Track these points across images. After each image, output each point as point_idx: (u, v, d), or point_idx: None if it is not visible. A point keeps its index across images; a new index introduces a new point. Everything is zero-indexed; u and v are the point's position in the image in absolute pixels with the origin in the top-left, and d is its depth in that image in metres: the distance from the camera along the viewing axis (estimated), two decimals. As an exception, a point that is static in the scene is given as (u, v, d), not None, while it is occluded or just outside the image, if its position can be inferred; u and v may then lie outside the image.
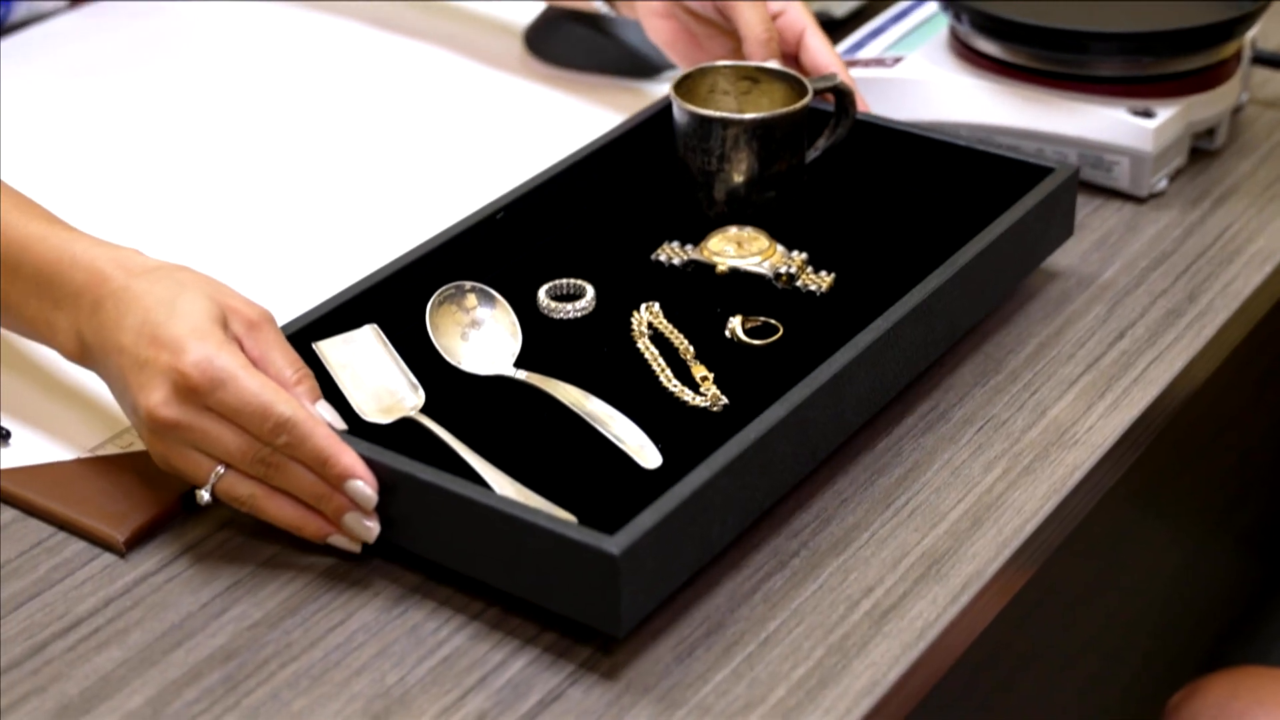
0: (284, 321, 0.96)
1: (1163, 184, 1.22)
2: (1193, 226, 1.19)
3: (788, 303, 1.05)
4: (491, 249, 1.08)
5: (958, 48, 1.27)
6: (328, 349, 0.97)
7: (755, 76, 1.15)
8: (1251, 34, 1.27)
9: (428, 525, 0.87)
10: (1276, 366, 1.58)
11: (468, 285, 1.02)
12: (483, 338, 1.01)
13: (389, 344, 0.99)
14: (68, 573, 0.90)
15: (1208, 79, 1.22)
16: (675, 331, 1.03)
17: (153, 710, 0.82)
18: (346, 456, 0.87)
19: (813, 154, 1.15)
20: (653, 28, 1.24)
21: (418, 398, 0.96)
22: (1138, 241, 1.17)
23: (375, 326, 0.99)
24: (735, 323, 1.03)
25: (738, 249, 1.08)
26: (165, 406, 0.86)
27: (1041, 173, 1.10)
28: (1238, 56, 1.25)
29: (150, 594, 0.89)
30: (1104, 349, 1.07)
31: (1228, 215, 1.20)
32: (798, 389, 0.91)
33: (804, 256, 1.08)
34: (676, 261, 1.09)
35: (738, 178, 1.11)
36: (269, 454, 0.87)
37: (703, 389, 0.98)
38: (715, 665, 0.85)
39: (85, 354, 0.92)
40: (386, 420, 0.94)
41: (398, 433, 0.93)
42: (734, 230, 1.09)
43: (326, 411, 0.89)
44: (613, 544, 0.81)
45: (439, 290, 1.01)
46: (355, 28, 1.45)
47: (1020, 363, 1.06)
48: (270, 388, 0.86)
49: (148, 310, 0.88)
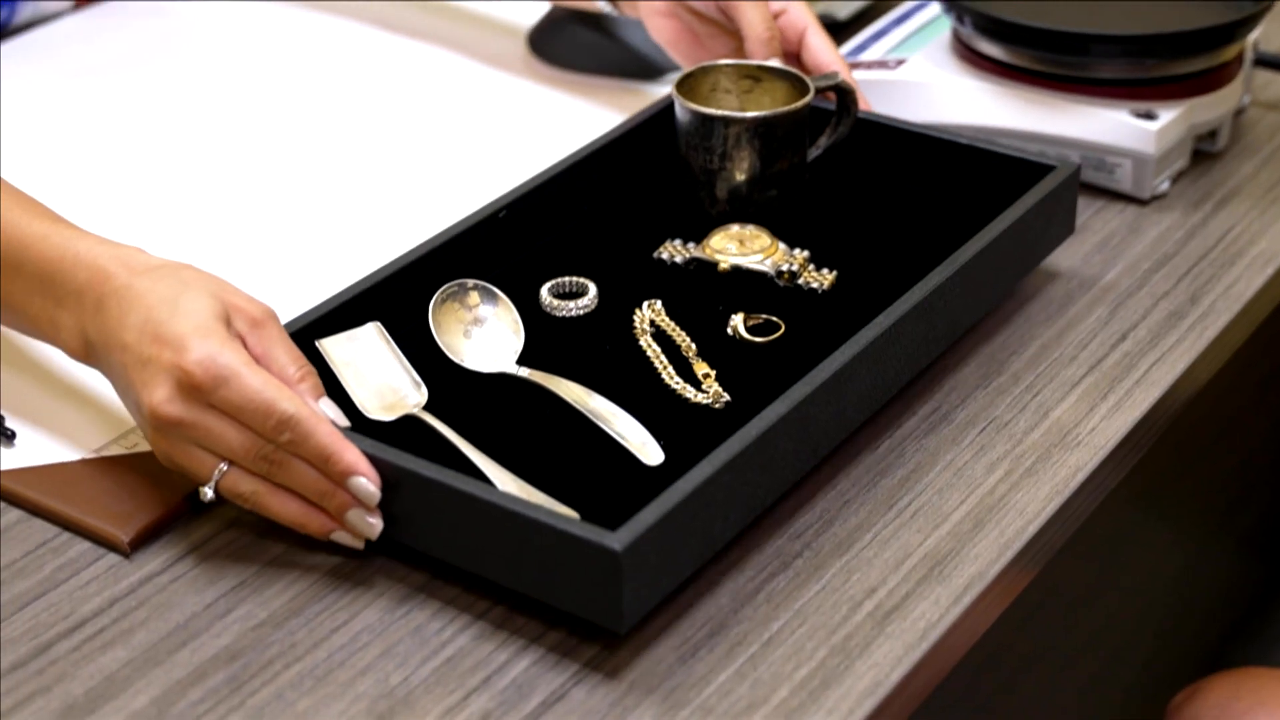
0: (287, 319, 0.96)
1: (1165, 186, 1.22)
2: (1195, 229, 1.19)
3: (789, 300, 1.06)
4: (494, 247, 1.08)
5: (960, 50, 1.27)
6: (331, 346, 0.97)
7: (757, 75, 1.15)
8: (1253, 36, 1.27)
9: (430, 522, 0.87)
10: (1278, 368, 1.58)
11: (470, 283, 1.02)
12: (485, 335, 1.01)
13: (392, 341, 0.99)
14: (73, 573, 0.90)
15: (1210, 81, 1.22)
16: (677, 329, 1.03)
17: (157, 710, 0.82)
18: (349, 453, 0.87)
19: (814, 152, 1.15)
20: (655, 27, 1.24)
21: (420, 395, 0.96)
22: (1140, 243, 1.18)
23: (378, 324, 0.99)
24: (737, 320, 1.03)
25: (740, 247, 1.08)
26: (168, 404, 0.87)
27: (1042, 171, 1.10)
28: (1240, 59, 1.25)
29: (155, 594, 0.89)
30: (1106, 351, 1.07)
31: (1230, 217, 1.20)
32: (799, 386, 0.91)
33: (806, 254, 1.08)
34: (679, 259, 1.09)
35: (740, 176, 1.11)
36: (272, 451, 0.87)
37: (705, 386, 0.98)
38: (718, 666, 0.85)
39: (89, 352, 0.92)
40: (389, 418, 0.94)
41: (400, 430, 0.93)
42: (736, 228, 1.10)
43: (329, 409, 0.90)
44: (615, 540, 0.81)
45: (442, 288, 1.01)
46: (359, 29, 1.45)
47: (1022, 364, 1.06)
48: (273, 385, 0.86)
49: (151, 308, 0.88)
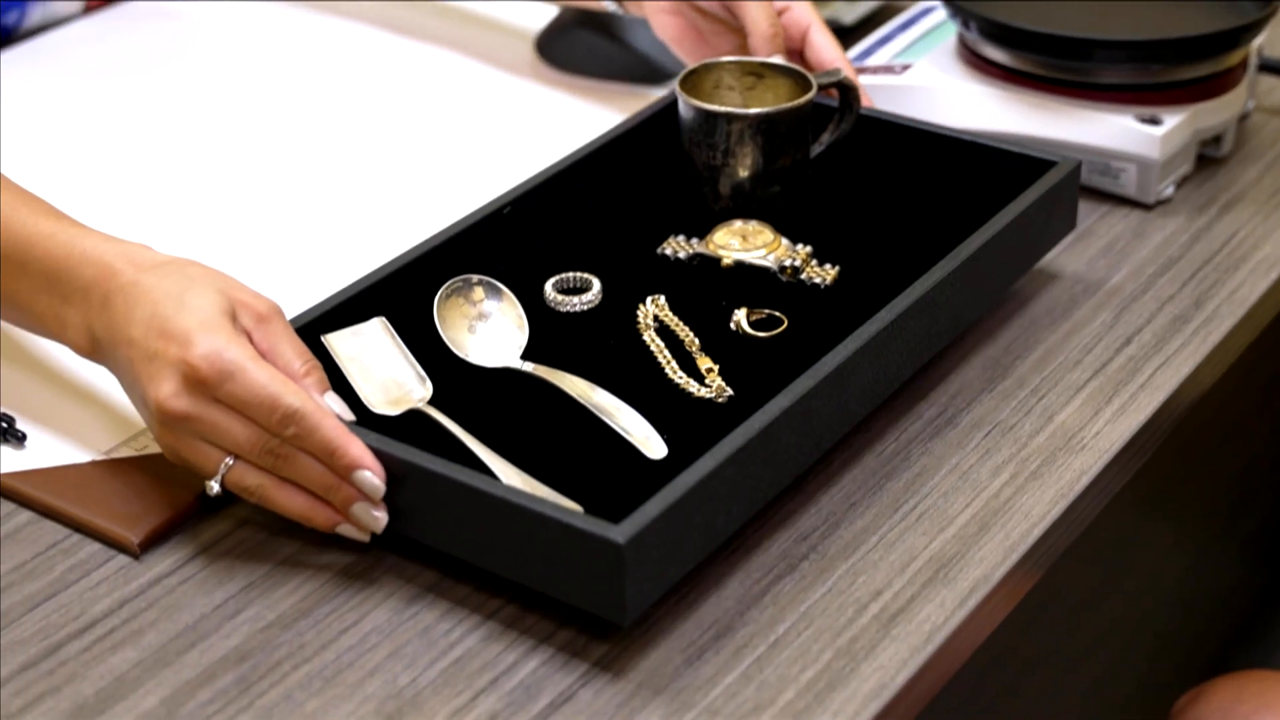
0: (294, 314, 0.97)
1: (1169, 191, 1.22)
2: (1199, 233, 1.19)
3: (792, 295, 1.06)
4: (499, 243, 1.08)
5: (966, 55, 1.27)
6: (336, 341, 0.98)
7: (760, 72, 1.16)
8: (1258, 42, 1.28)
9: (435, 515, 0.88)
10: (1282, 372, 1.58)
11: (475, 278, 1.02)
12: (490, 330, 1.01)
13: (397, 336, 0.99)
14: (83, 574, 0.91)
15: (1214, 86, 1.22)
16: (681, 324, 1.03)
17: (167, 711, 0.83)
18: (354, 447, 0.87)
19: (817, 148, 1.16)
20: (660, 24, 1.24)
21: (425, 389, 0.96)
22: (1144, 248, 1.18)
23: (383, 319, 1.00)
24: (740, 315, 1.03)
25: (743, 242, 1.08)
26: (175, 399, 0.87)
27: (1044, 167, 1.11)
28: (1244, 64, 1.26)
29: (164, 595, 0.89)
30: (1111, 355, 1.07)
31: (1234, 222, 1.21)
32: (802, 380, 0.91)
33: (808, 250, 1.08)
34: (682, 255, 1.09)
35: (743, 172, 1.11)
36: (278, 445, 0.87)
37: (708, 380, 0.98)
38: (724, 668, 0.85)
39: (95, 349, 0.92)
40: (394, 412, 0.94)
41: (406, 424, 0.94)
42: (739, 224, 1.10)
43: (335, 403, 0.90)
44: (618, 533, 0.81)
45: (446, 283, 1.01)
46: (368, 31, 1.45)
47: (1027, 368, 1.06)
48: (279, 379, 0.87)
49: (156, 304, 0.88)
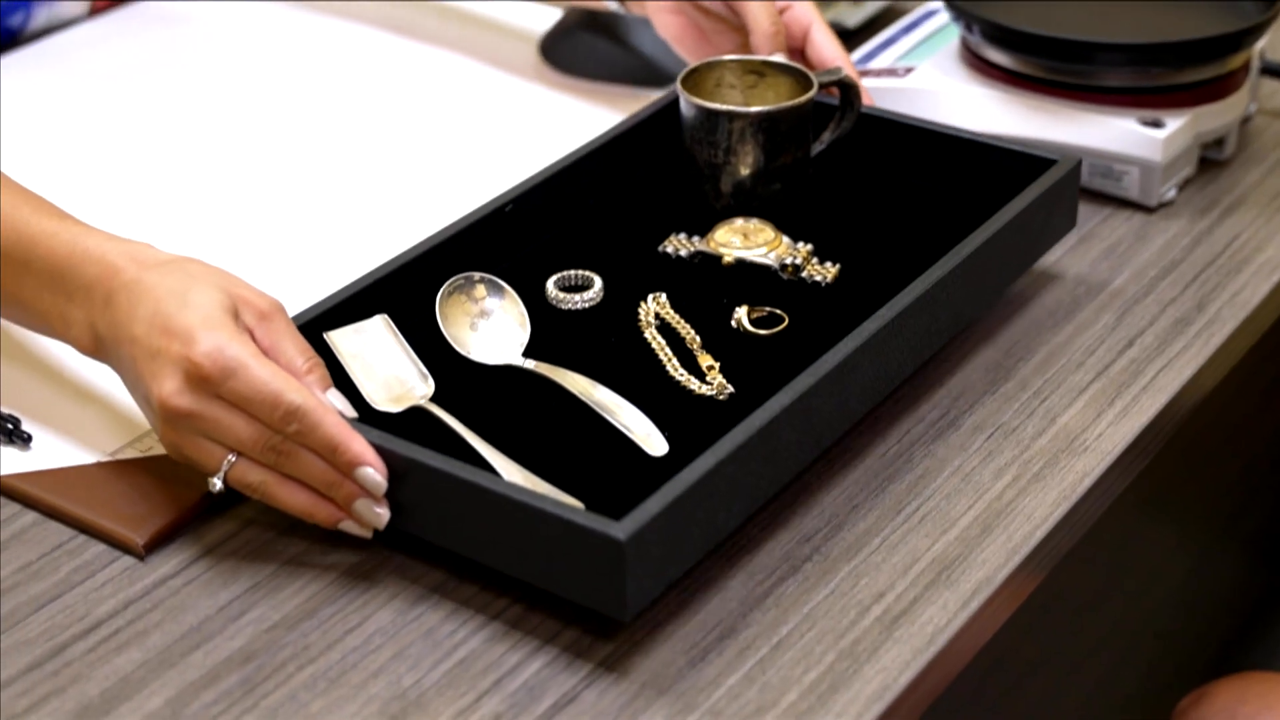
0: (297, 312, 0.97)
1: (1171, 194, 1.23)
2: (1201, 236, 1.20)
3: (793, 293, 1.06)
4: (501, 241, 1.08)
5: (969, 58, 1.27)
6: (339, 339, 0.98)
7: (761, 70, 1.16)
8: (1260, 45, 1.28)
9: (437, 512, 0.88)
10: (1284, 374, 1.59)
11: (477, 276, 1.02)
12: (492, 328, 1.01)
13: (399, 334, 0.99)
14: (88, 575, 0.91)
15: (1217, 90, 1.23)
16: (682, 321, 1.03)
17: (172, 711, 0.83)
18: (356, 444, 0.87)
19: (818, 147, 1.16)
20: (661, 23, 1.25)
21: (427, 387, 0.96)
22: (1147, 250, 1.18)
23: (385, 317, 1.00)
24: (741, 313, 1.03)
25: (744, 240, 1.08)
26: (177, 396, 0.87)
27: (1044, 165, 1.11)
28: (1246, 67, 1.26)
29: (169, 596, 0.90)
30: (1113, 357, 1.08)
31: (1236, 225, 1.21)
32: (802, 377, 0.91)
33: (809, 248, 1.08)
34: (683, 253, 1.09)
35: (744, 170, 1.11)
36: (280, 442, 0.87)
37: (709, 378, 0.98)
38: (727, 669, 0.85)
39: (99, 347, 0.92)
40: (397, 409, 0.95)
41: (408, 421, 0.94)
42: (740, 222, 1.10)
43: (337, 400, 0.90)
44: (619, 529, 0.81)
45: (448, 281, 1.01)
46: (373, 33, 1.46)
47: (1030, 370, 1.06)
48: (281, 376, 0.87)
49: (159, 301, 0.88)
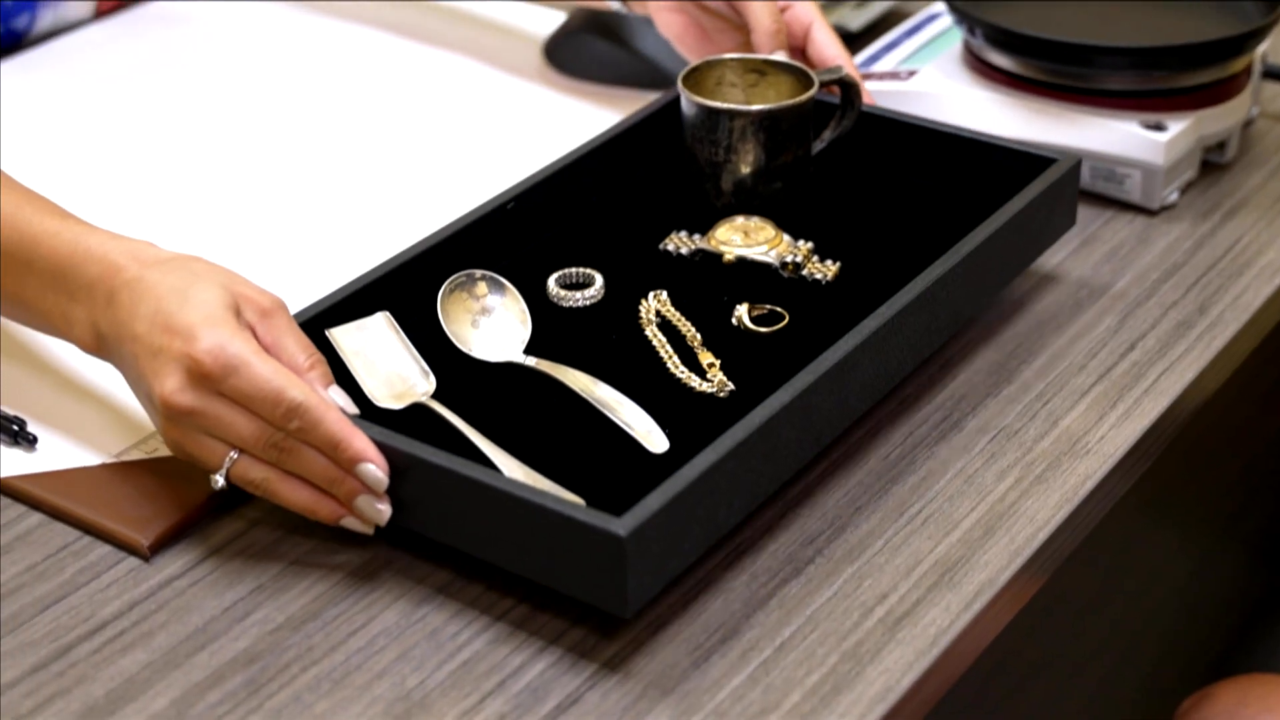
0: (299, 309, 0.98)
1: (1174, 197, 1.23)
2: (1203, 239, 1.20)
3: (793, 291, 1.06)
4: (502, 238, 1.08)
5: (971, 61, 1.28)
6: (341, 336, 0.98)
7: (762, 69, 1.16)
8: (1262, 49, 1.28)
9: (439, 508, 0.88)
10: (1285, 377, 1.59)
11: (478, 273, 1.02)
12: (493, 325, 1.01)
13: (401, 331, 0.99)
14: (93, 576, 0.91)
15: (1219, 93, 1.23)
16: (683, 319, 1.03)
17: (177, 712, 0.83)
18: (358, 440, 0.87)
19: (819, 145, 1.16)
20: (663, 22, 1.25)
21: (429, 384, 0.96)
22: (1149, 253, 1.18)
23: (387, 314, 1.00)
24: (742, 310, 1.04)
25: (744, 238, 1.08)
26: (179, 393, 0.87)
27: (1044, 163, 1.11)
28: (1248, 71, 1.26)
29: (174, 597, 0.90)
30: (1115, 360, 1.08)
31: (1238, 228, 1.21)
32: (802, 375, 0.91)
33: (810, 246, 1.08)
34: (684, 251, 1.10)
35: (745, 168, 1.12)
36: (282, 439, 0.88)
37: (709, 375, 0.99)
38: (731, 671, 0.85)
39: (101, 345, 0.93)
40: (398, 406, 0.95)
41: (409, 418, 0.94)
42: (741, 220, 1.10)
43: (338, 396, 0.90)
44: (620, 526, 0.81)
45: (450, 278, 1.02)
46: (379, 36, 1.46)
47: (1032, 373, 1.06)
48: (282, 373, 0.87)
49: (161, 299, 0.89)
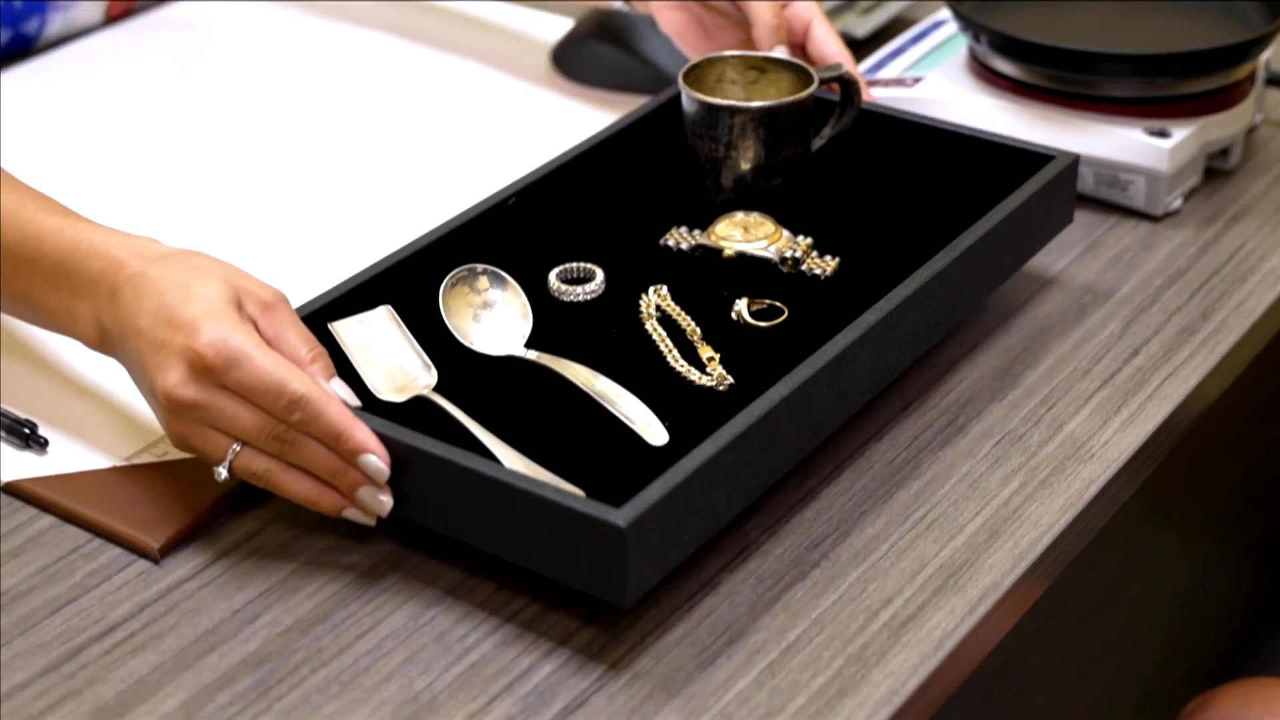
0: (302, 303, 0.98)
1: (1177, 203, 1.23)
2: (1207, 245, 1.20)
3: (793, 286, 1.07)
4: (504, 233, 1.09)
5: (976, 68, 1.28)
6: (343, 329, 0.99)
7: (762, 66, 1.16)
8: (1265, 56, 1.28)
9: (440, 500, 0.88)
10: (1288, 383, 1.59)
11: (480, 268, 1.03)
12: (494, 319, 1.02)
13: (403, 325, 1.00)
14: (104, 578, 0.91)
15: (1222, 100, 1.23)
16: (683, 314, 1.04)
17: (186, 713, 0.83)
18: (360, 432, 0.88)
19: (818, 142, 1.16)
20: (665, 19, 1.26)
21: (431, 377, 0.97)
22: (1153, 259, 1.19)
23: (389, 307, 1.00)
24: (741, 305, 1.04)
25: (744, 234, 1.09)
26: (182, 386, 0.88)
27: (1042, 160, 1.11)
28: (1252, 78, 1.26)
29: (184, 600, 0.90)
30: (1119, 365, 1.08)
31: (1241, 234, 1.21)
32: (801, 368, 0.92)
33: (809, 241, 1.09)
34: (684, 246, 1.10)
35: (745, 165, 1.12)
36: (284, 431, 0.88)
37: (709, 369, 0.99)
38: (737, 673, 0.86)
39: (105, 341, 0.93)
40: (400, 399, 0.95)
41: (411, 411, 0.94)
42: (741, 215, 1.10)
43: (340, 389, 0.90)
44: (619, 516, 0.82)
45: (452, 273, 1.02)
46: (389, 40, 1.46)
47: (1037, 378, 1.07)
48: (284, 366, 0.87)
49: (164, 294, 0.89)
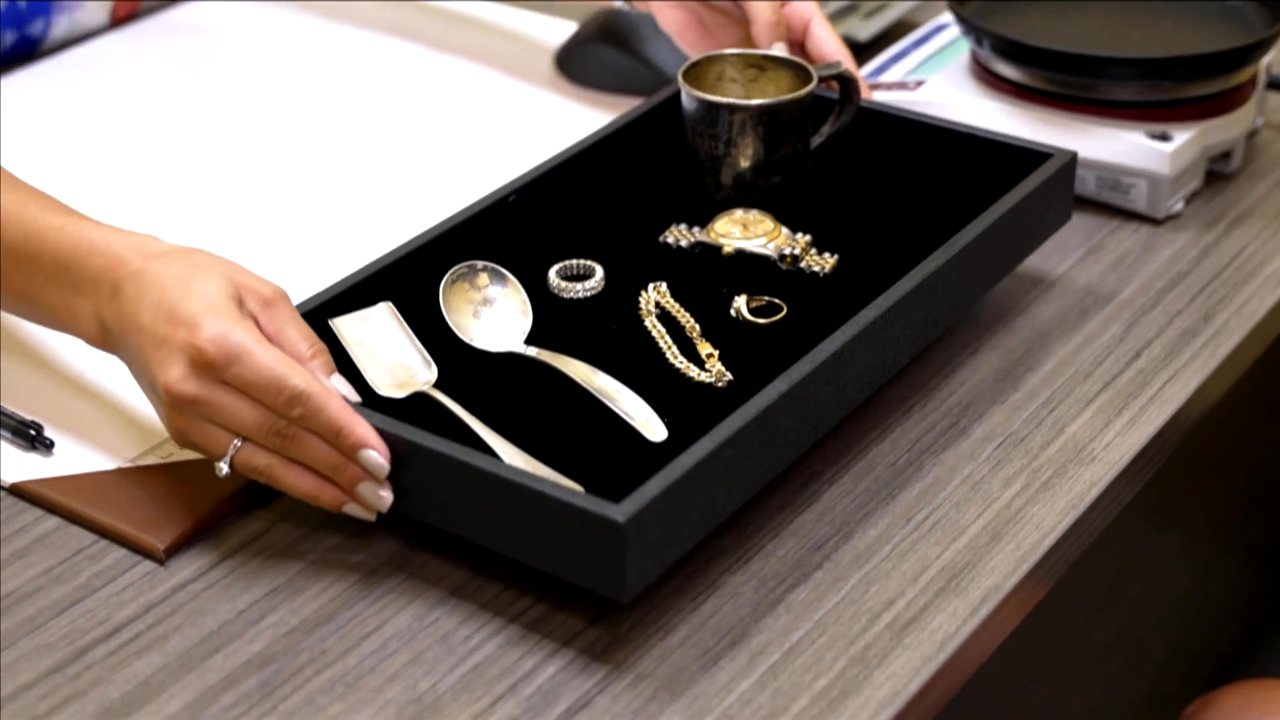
0: (304, 299, 0.98)
1: (1179, 206, 1.23)
2: (1208, 248, 1.20)
3: (791, 283, 1.07)
4: (504, 230, 1.09)
5: (979, 72, 1.28)
6: (344, 325, 0.99)
7: (762, 64, 1.17)
8: (1267, 60, 1.28)
9: (439, 495, 0.89)
10: (1289, 385, 1.59)
11: (480, 265, 1.03)
12: (494, 315, 1.02)
13: (403, 321, 1.00)
14: (109, 579, 0.92)
15: (1224, 104, 1.23)
16: (682, 310, 1.04)
17: (191, 714, 0.84)
18: (360, 427, 0.88)
19: (817, 140, 1.17)
20: (664, 18, 1.26)
21: (431, 373, 0.97)
22: (1154, 262, 1.19)
23: (390, 304, 1.01)
24: (740, 302, 1.04)
25: (743, 231, 1.09)
26: (183, 382, 0.88)
27: (1040, 158, 1.12)
28: (1253, 82, 1.27)
29: (189, 601, 0.90)
30: (1121, 367, 1.08)
31: (1243, 237, 1.22)
32: (799, 365, 0.92)
33: (808, 238, 1.09)
34: (684, 243, 1.10)
35: (744, 162, 1.12)
36: (284, 426, 0.88)
37: (708, 365, 0.99)
38: (740, 675, 0.86)
39: (106, 338, 0.93)
40: (400, 395, 0.95)
41: (411, 407, 0.94)
42: (740, 213, 1.11)
43: (341, 385, 0.91)
44: (618, 512, 0.82)
45: (452, 269, 1.02)
46: (395, 44, 1.47)
47: (1039, 380, 1.07)
48: (285, 361, 0.88)
49: (165, 290, 0.89)
